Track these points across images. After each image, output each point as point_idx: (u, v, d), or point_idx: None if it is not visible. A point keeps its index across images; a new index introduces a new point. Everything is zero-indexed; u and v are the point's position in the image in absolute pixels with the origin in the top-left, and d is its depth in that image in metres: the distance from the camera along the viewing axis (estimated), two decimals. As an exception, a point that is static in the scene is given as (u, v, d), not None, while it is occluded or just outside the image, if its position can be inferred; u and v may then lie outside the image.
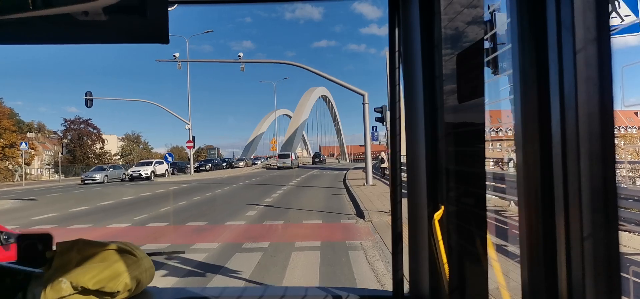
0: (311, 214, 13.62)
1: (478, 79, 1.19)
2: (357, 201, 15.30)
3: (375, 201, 15.26)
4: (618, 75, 1.27)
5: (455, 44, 1.24)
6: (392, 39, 1.35)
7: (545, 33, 0.81)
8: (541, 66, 0.82)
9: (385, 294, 1.49)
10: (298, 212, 14.14)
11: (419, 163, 1.34)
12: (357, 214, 13.22)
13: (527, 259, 0.86)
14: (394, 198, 1.37)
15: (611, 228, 0.72)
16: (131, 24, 0.92)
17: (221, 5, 16.24)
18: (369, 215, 12.10)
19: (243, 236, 10.37)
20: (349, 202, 16.38)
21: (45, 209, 16.38)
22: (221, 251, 8.76)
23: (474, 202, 1.22)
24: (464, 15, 1.21)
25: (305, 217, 13.19)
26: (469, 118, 1.22)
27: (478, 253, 1.19)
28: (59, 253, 1.37)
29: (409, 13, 1.35)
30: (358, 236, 9.84)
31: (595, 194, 0.72)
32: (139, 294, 1.42)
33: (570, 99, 0.74)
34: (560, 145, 0.77)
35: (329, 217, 13.02)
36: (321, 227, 11.41)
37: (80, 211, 15.99)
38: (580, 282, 0.74)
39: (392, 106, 1.37)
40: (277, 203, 17.03)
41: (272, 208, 15.54)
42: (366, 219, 11.74)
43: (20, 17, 0.80)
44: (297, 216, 13.33)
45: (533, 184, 0.84)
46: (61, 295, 1.27)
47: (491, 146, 11.09)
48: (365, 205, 14.09)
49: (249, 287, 5.54)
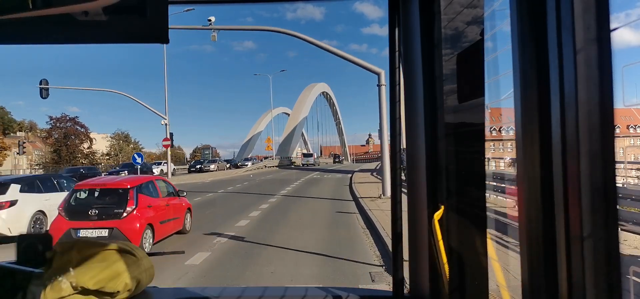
0: (304, 263, 7.97)
1: (478, 79, 1.19)
2: (379, 232, 9.64)
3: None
4: (618, 75, 1.28)
5: (455, 44, 1.24)
6: (392, 39, 1.35)
7: (545, 33, 0.81)
8: (541, 66, 0.82)
9: (385, 294, 1.49)
10: (280, 257, 8.44)
11: (419, 163, 1.34)
12: (383, 257, 7.93)
13: (527, 259, 0.86)
14: (394, 198, 1.37)
15: (611, 227, 0.72)
16: (131, 23, 0.92)
17: (222, 6, 16.14)
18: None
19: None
20: (364, 231, 10.50)
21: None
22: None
23: (474, 202, 1.22)
24: (463, 15, 1.21)
25: (292, 269, 7.65)
26: (469, 118, 1.22)
27: (478, 252, 1.19)
28: (59, 253, 1.37)
29: (409, 13, 1.36)
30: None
31: (595, 194, 0.72)
32: (139, 294, 1.42)
33: (571, 98, 0.74)
34: (560, 145, 0.77)
35: (335, 270, 7.42)
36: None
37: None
38: (580, 282, 0.74)
39: (392, 105, 1.37)
40: (254, 230, 11.37)
41: (240, 245, 9.54)
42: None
43: (20, 17, 0.80)
44: (278, 265, 7.88)
45: (533, 184, 0.84)
46: (61, 295, 1.27)
47: (501, 145, 10.68)
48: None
49: (249, 287, 5.53)
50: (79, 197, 9.33)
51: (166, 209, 10.19)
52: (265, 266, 7.83)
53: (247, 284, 6.83)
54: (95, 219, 8.74)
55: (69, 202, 9.16)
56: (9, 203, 10.58)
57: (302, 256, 8.52)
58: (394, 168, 1.39)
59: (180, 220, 10.90)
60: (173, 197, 10.90)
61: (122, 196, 9.04)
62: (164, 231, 9.99)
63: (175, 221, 10.65)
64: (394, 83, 1.35)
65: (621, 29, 2.98)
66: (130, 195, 9.05)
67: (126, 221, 8.80)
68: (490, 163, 15.59)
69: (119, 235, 8.52)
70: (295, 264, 7.95)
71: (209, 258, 8.49)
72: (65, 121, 54.63)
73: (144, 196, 9.52)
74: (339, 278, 7.03)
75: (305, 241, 9.78)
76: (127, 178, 10.48)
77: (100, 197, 9.24)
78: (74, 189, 9.65)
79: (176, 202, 10.88)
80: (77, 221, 8.71)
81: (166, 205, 10.27)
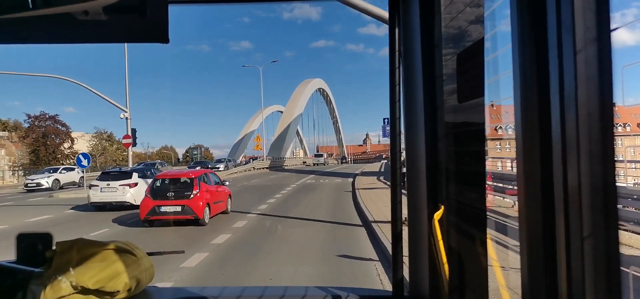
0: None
1: (478, 79, 1.19)
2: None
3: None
4: (618, 75, 1.27)
5: (456, 43, 1.24)
6: (392, 39, 1.35)
7: (546, 33, 0.81)
8: (541, 66, 0.82)
9: (385, 294, 1.49)
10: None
11: (419, 163, 1.34)
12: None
13: (527, 259, 0.86)
14: (394, 198, 1.37)
15: (611, 227, 0.72)
16: (131, 23, 0.92)
17: (219, 5, 16.03)
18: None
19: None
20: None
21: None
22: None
23: (474, 202, 1.22)
24: (464, 15, 1.21)
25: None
26: (469, 118, 1.22)
27: (478, 253, 1.19)
28: (59, 252, 1.37)
29: (409, 13, 1.36)
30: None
31: (595, 194, 0.72)
32: (139, 293, 1.42)
33: (570, 98, 0.74)
34: (560, 145, 0.77)
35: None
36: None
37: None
38: (580, 282, 0.74)
39: (392, 105, 1.37)
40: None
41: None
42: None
43: (19, 16, 0.80)
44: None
45: (533, 183, 0.84)
46: (61, 295, 1.27)
47: (508, 144, 10.42)
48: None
49: (249, 287, 5.52)
50: (159, 184, 12.91)
51: (217, 194, 13.70)
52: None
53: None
54: (172, 199, 12.17)
55: (152, 187, 12.82)
56: (135, 184, 16.10)
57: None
58: (394, 168, 1.39)
59: (224, 203, 14.23)
60: (220, 185, 14.30)
61: (190, 183, 12.66)
62: (216, 209, 13.36)
63: (222, 203, 13.96)
64: (393, 83, 1.35)
65: (621, 29, 2.94)
66: (195, 182, 12.57)
67: (193, 201, 12.18)
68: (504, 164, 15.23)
69: (188, 210, 12.00)
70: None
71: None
72: (44, 119, 50.41)
73: (204, 183, 13.00)
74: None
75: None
76: (191, 171, 16.03)
77: (174, 184, 12.91)
78: (155, 178, 13.73)
79: (222, 189, 14.29)
80: (159, 200, 12.20)
81: (216, 190, 13.75)
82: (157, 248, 1.85)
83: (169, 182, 13.01)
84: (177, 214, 11.99)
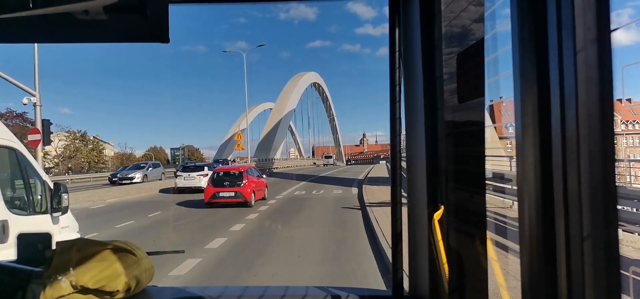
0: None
1: (478, 79, 1.19)
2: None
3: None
4: (618, 75, 1.27)
5: (456, 43, 1.24)
6: (392, 39, 1.35)
7: (546, 33, 0.81)
8: (541, 66, 0.82)
9: (385, 294, 1.49)
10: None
11: (419, 163, 1.34)
12: None
13: (527, 259, 0.86)
14: (394, 198, 1.37)
15: (611, 227, 0.72)
16: (131, 23, 0.92)
17: (215, 5, 15.94)
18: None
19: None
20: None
21: None
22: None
23: (474, 202, 1.22)
24: (464, 15, 1.21)
25: None
26: (469, 118, 1.22)
27: (478, 253, 1.19)
28: (59, 252, 1.37)
29: (410, 13, 1.35)
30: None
31: (595, 194, 0.72)
32: (139, 293, 1.42)
33: (570, 99, 0.74)
34: (560, 145, 0.77)
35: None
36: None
37: None
38: (580, 282, 0.74)
39: (392, 106, 1.37)
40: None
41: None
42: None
43: (20, 16, 0.80)
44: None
45: (533, 183, 0.84)
46: (61, 294, 1.27)
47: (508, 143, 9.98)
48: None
49: (249, 287, 5.51)
50: (217, 176, 17.10)
51: (258, 183, 18.14)
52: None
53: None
54: (227, 186, 16.37)
55: (213, 178, 17.22)
56: (206, 175, 21.24)
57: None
58: (394, 168, 1.39)
59: (263, 191, 18.57)
60: (259, 177, 18.85)
61: (240, 175, 16.89)
62: (258, 196, 17.59)
63: (261, 192, 18.29)
64: (393, 83, 1.35)
65: (621, 29, 2.94)
66: (244, 175, 16.91)
67: (243, 188, 16.46)
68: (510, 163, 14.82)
69: (240, 195, 16.19)
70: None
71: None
72: (11, 117, 43.77)
73: (249, 175, 17.39)
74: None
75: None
76: (240, 166, 21.78)
77: (228, 175, 16.91)
78: (214, 171, 18.11)
79: (261, 180, 18.85)
80: (218, 187, 16.46)
81: (258, 181, 18.24)
82: (157, 248, 1.85)
83: (224, 174, 17.05)
84: (232, 198, 16.17)
